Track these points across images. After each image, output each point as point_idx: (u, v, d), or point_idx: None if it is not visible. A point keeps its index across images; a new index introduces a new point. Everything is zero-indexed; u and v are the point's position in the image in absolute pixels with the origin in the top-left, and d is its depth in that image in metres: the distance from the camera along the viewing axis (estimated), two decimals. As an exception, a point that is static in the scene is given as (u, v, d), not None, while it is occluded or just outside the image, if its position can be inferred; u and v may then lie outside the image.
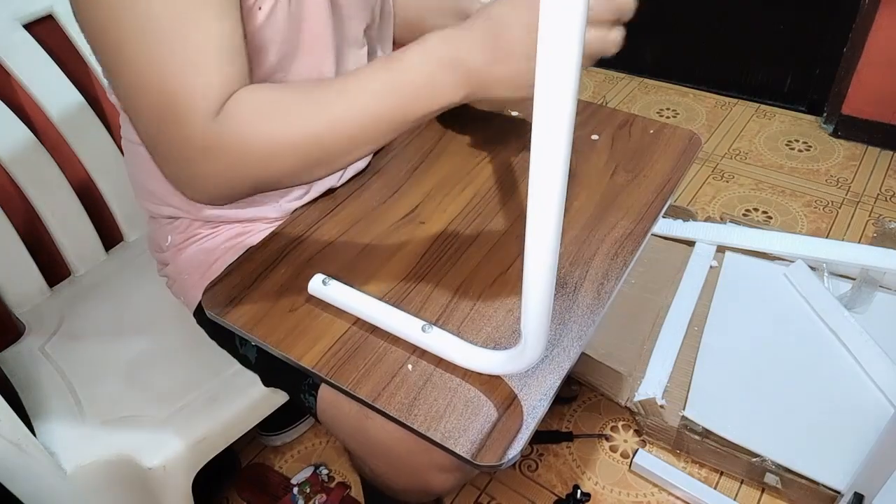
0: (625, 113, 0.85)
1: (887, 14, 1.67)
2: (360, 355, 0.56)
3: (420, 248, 0.66)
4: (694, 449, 1.11)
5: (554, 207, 0.37)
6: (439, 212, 0.71)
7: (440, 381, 0.54)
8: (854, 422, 1.08)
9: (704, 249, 1.41)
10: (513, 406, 0.52)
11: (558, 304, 0.60)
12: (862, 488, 0.92)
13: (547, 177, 0.36)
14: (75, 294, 0.99)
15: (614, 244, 0.66)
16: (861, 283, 1.29)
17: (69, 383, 0.85)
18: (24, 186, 0.93)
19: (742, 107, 2.06)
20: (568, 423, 1.21)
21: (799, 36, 1.91)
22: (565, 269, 0.63)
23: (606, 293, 0.61)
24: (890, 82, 1.74)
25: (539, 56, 0.32)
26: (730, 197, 1.71)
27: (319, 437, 1.21)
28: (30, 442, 0.70)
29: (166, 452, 0.77)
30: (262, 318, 0.60)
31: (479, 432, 0.50)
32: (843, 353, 1.19)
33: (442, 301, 0.60)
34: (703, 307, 1.29)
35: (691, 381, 1.15)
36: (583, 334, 0.57)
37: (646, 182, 0.74)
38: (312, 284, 0.61)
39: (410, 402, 0.52)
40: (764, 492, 1.08)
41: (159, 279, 0.84)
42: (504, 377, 0.54)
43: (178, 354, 0.87)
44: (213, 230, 0.75)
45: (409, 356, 0.56)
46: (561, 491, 1.10)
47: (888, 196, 1.67)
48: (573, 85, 0.32)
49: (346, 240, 0.68)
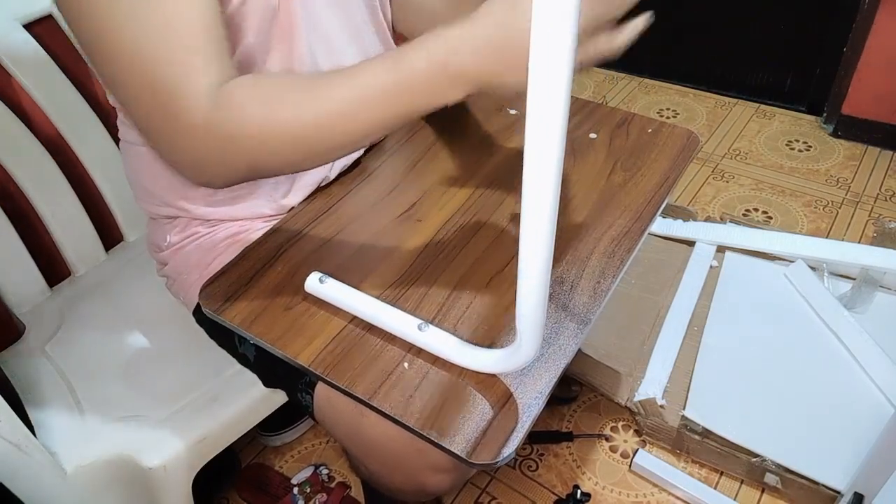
0: (623, 111, 0.85)
1: (887, 14, 1.67)
2: (356, 353, 0.56)
3: (417, 246, 0.66)
4: (694, 449, 1.11)
5: (548, 207, 0.37)
6: (437, 210, 0.71)
7: (436, 379, 0.54)
8: (854, 422, 1.08)
9: (704, 249, 1.40)
10: (508, 404, 0.52)
11: (554, 303, 0.60)
12: (862, 488, 0.92)
13: (540, 176, 0.36)
14: (75, 294, 0.99)
15: (611, 243, 0.66)
16: (861, 283, 1.29)
17: (69, 383, 0.85)
18: (24, 186, 0.93)
19: (742, 107, 2.06)
20: (568, 423, 1.21)
21: (799, 36, 1.91)
22: (562, 267, 0.63)
23: (603, 291, 0.61)
24: (890, 82, 1.74)
25: (532, 59, 0.32)
26: (730, 197, 1.71)
27: (319, 438, 1.21)
28: (30, 442, 0.70)
29: (166, 452, 0.77)
30: (258, 315, 0.60)
31: (475, 431, 0.50)
32: (843, 353, 1.19)
33: (438, 299, 0.60)
34: (703, 307, 1.29)
35: (691, 381, 1.15)
36: (579, 333, 0.57)
37: (644, 181, 0.74)
38: (309, 282, 0.61)
39: (406, 401, 0.52)
40: (764, 492, 1.08)
41: (159, 279, 0.84)
42: (500, 376, 0.54)
43: (178, 354, 0.88)
44: (211, 229, 0.75)
45: (405, 354, 0.56)
46: (561, 491, 1.10)
47: (888, 196, 1.67)
48: (566, 85, 0.32)
49: (343, 238, 0.68)
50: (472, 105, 0.89)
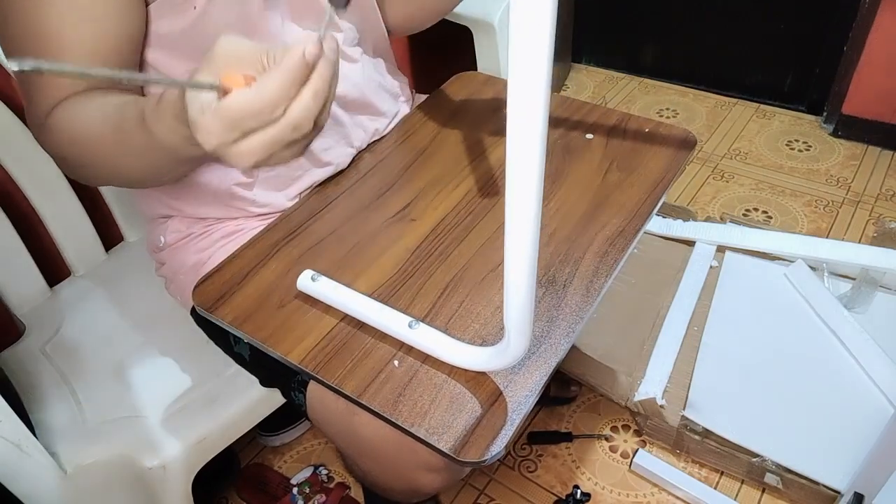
0: (620, 112, 0.85)
1: (887, 14, 1.66)
2: (347, 351, 0.56)
3: (410, 245, 0.67)
4: (694, 449, 1.11)
5: (532, 202, 0.37)
6: (431, 209, 0.71)
7: (426, 377, 0.54)
8: (854, 422, 1.07)
9: (704, 249, 1.40)
10: (497, 402, 0.52)
11: (547, 302, 0.60)
12: (862, 488, 0.92)
13: (523, 173, 0.36)
14: (75, 294, 0.99)
15: (605, 242, 0.66)
16: (861, 283, 1.29)
17: (69, 383, 0.85)
18: (24, 186, 0.94)
19: (742, 107, 2.06)
20: (568, 424, 1.21)
21: (799, 36, 1.91)
22: (555, 266, 0.63)
23: (596, 291, 0.61)
24: (890, 82, 1.74)
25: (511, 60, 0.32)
26: (730, 197, 1.71)
27: (319, 438, 1.21)
28: (30, 442, 0.70)
29: (166, 452, 0.77)
30: (251, 314, 0.60)
31: (463, 429, 0.50)
32: (843, 353, 1.19)
33: (430, 298, 0.61)
34: (703, 307, 1.28)
35: (691, 381, 1.15)
36: (571, 331, 0.57)
37: (639, 181, 0.74)
38: (301, 280, 0.61)
39: (395, 399, 0.52)
40: (764, 492, 1.08)
41: (159, 279, 0.84)
42: (490, 374, 0.54)
43: (178, 354, 0.88)
44: (206, 229, 0.76)
45: (395, 352, 0.56)
46: (560, 491, 1.10)
47: (888, 196, 1.67)
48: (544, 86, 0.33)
49: (337, 236, 0.68)
50: (467, 107, 0.89)
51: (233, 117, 0.39)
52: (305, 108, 0.40)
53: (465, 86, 0.93)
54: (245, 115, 0.39)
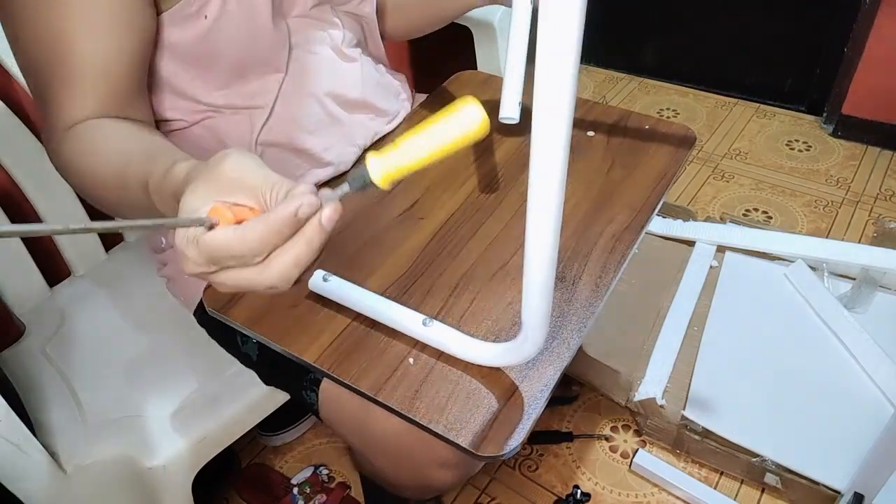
0: (620, 109, 0.86)
1: (887, 14, 1.67)
2: (362, 350, 0.56)
3: (419, 243, 0.67)
4: (694, 449, 1.11)
5: (554, 202, 0.38)
6: (438, 207, 0.71)
7: (441, 374, 0.54)
8: (854, 422, 1.07)
9: (704, 249, 1.40)
10: (514, 397, 0.52)
11: (557, 297, 0.60)
12: (862, 488, 0.92)
13: (547, 172, 0.37)
14: (75, 294, 0.99)
15: (611, 238, 0.66)
16: (861, 283, 1.29)
17: (69, 383, 0.85)
18: (24, 186, 0.93)
19: (742, 107, 2.06)
20: (568, 424, 1.21)
21: (799, 36, 1.91)
22: (563, 262, 0.63)
23: (604, 286, 0.61)
24: (890, 82, 1.74)
25: (538, 59, 0.32)
26: (730, 197, 1.71)
27: (319, 438, 1.21)
28: (30, 442, 0.70)
29: (166, 452, 0.77)
30: (263, 315, 0.60)
31: (481, 424, 0.50)
32: (843, 353, 1.19)
33: (442, 295, 0.61)
34: (703, 307, 1.28)
35: (691, 381, 1.15)
36: (582, 326, 0.58)
37: (642, 177, 0.74)
38: (313, 281, 0.61)
39: (412, 396, 0.52)
40: (764, 492, 1.08)
41: (159, 279, 0.84)
42: (505, 369, 0.54)
43: (179, 354, 0.88)
44: (209, 230, 0.75)
45: (410, 350, 0.56)
46: (561, 491, 1.10)
47: (888, 196, 1.67)
48: (571, 86, 0.33)
49: (345, 236, 0.68)
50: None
51: (211, 253, 0.39)
52: (285, 274, 0.39)
53: (465, 85, 0.93)
54: (223, 254, 0.39)
